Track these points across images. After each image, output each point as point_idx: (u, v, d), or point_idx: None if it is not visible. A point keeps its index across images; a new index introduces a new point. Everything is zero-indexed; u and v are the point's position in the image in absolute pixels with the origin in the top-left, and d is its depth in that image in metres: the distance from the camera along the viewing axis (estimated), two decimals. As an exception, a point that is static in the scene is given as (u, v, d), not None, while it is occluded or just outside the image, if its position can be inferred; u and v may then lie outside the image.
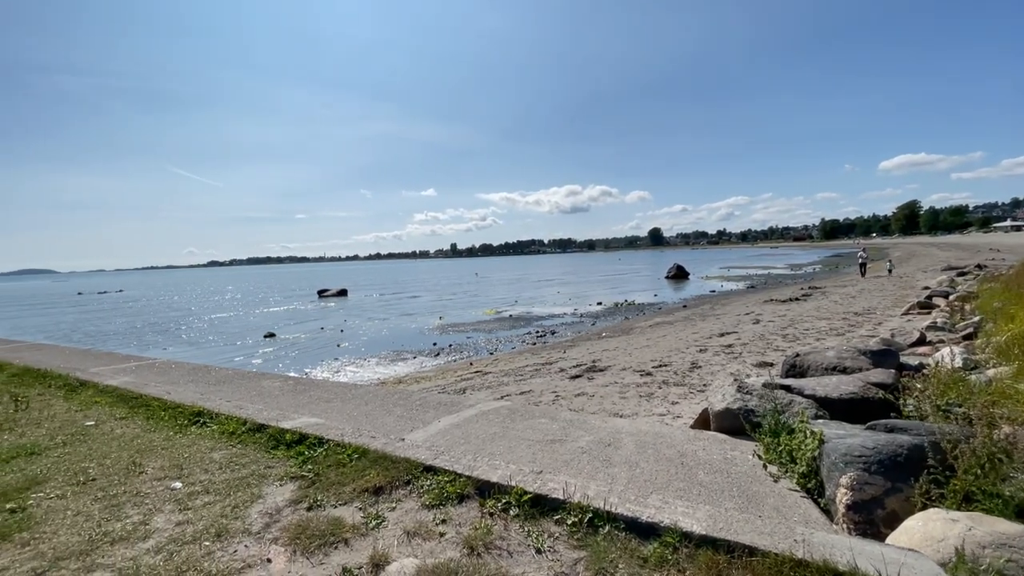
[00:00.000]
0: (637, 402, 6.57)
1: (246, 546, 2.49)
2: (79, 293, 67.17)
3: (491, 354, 13.94)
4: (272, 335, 20.02)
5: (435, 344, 16.13)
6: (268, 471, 3.35)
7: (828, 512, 2.65)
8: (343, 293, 40.94)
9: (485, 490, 2.89)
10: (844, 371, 5.17)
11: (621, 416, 5.93)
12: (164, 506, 2.91)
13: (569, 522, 2.53)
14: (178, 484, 3.19)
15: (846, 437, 2.92)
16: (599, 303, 26.46)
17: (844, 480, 2.63)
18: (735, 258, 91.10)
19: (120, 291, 69.54)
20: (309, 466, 3.35)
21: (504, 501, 2.75)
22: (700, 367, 8.47)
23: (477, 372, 10.68)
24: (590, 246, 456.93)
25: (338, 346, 16.94)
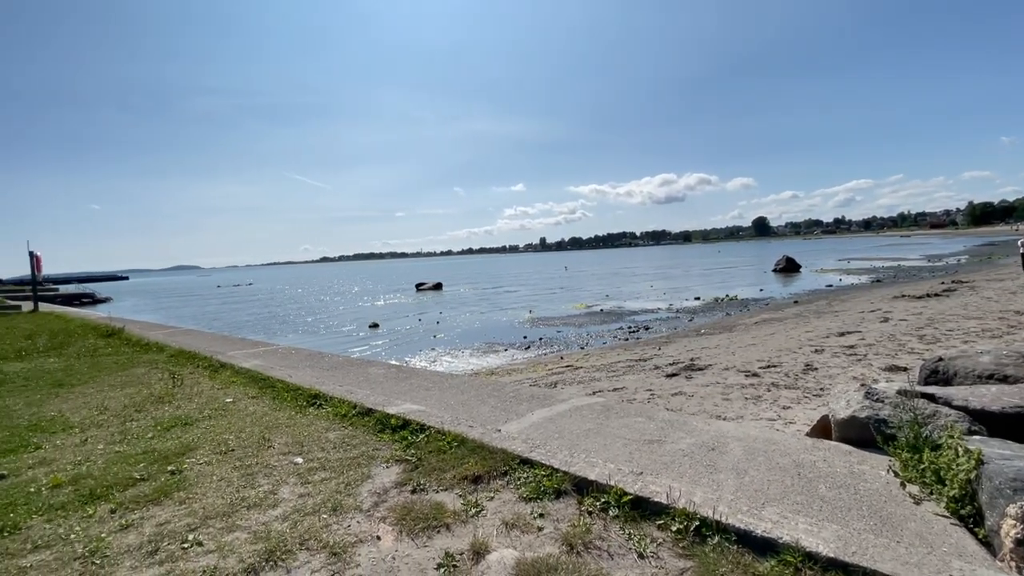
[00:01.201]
0: (742, 404, 6.12)
1: (358, 522, 2.67)
2: (218, 286, 77.23)
3: (581, 349, 13.79)
4: (376, 325, 21.50)
5: (525, 337, 16.30)
6: (376, 453, 3.57)
7: (988, 545, 2.25)
8: (438, 287, 42.85)
9: (583, 487, 2.84)
10: (1005, 379, 4.39)
11: (724, 419, 5.56)
12: (288, 478, 3.21)
13: (673, 528, 2.40)
14: (299, 459, 3.51)
15: (1014, 459, 2.46)
16: (696, 298, 25.09)
17: (1013, 510, 2.22)
18: (856, 248, 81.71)
19: (250, 284, 78.89)
20: (412, 451, 3.52)
21: (603, 500, 2.68)
22: (816, 369, 7.69)
23: (568, 367, 10.62)
24: (686, 238, 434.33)
25: (434, 337, 17.76)
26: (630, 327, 17.13)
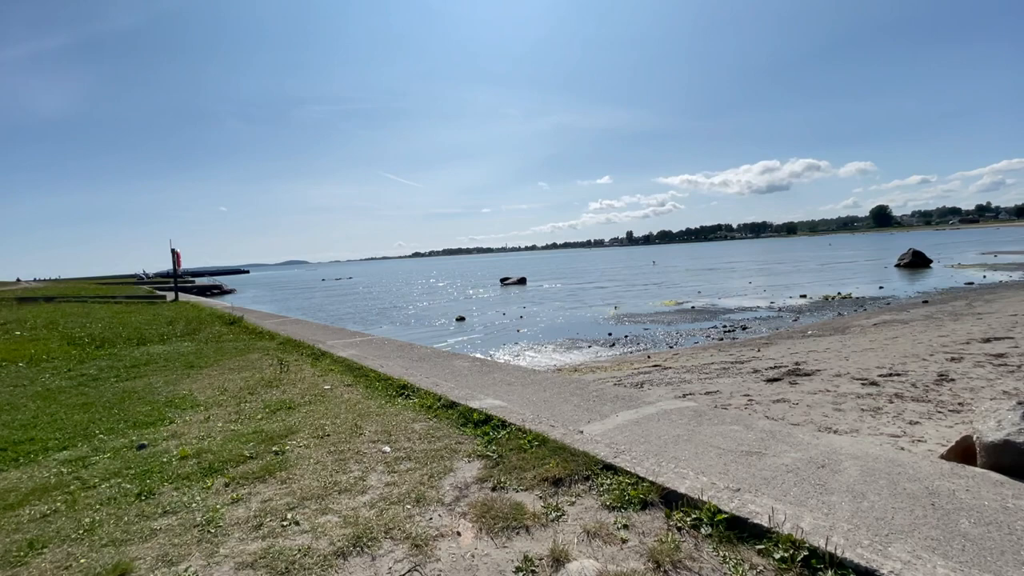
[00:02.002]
0: (857, 417, 5.45)
1: (439, 515, 2.70)
2: (322, 279, 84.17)
3: (670, 348, 13.16)
4: (462, 319, 22.15)
5: (610, 334, 15.90)
6: (458, 447, 3.61)
7: None
8: (522, 281, 43.24)
9: (671, 500, 2.64)
10: None
11: (836, 432, 4.98)
12: (377, 466, 3.35)
13: (776, 556, 2.15)
14: (387, 448, 3.65)
15: None
16: (803, 296, 22.95)
17: None
18: (1005, 240, 70.12)
19: (350, 278, 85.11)
20: (493, 447, 3.52)
21: (694, 516, 2.47)
22: (952, 380, 6.65)
23: (655, 366, 10.17)
24: (790, 230, 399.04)
25: (518, 331, 17.91)
26: (725, 326, 16.06)
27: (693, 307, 21.47)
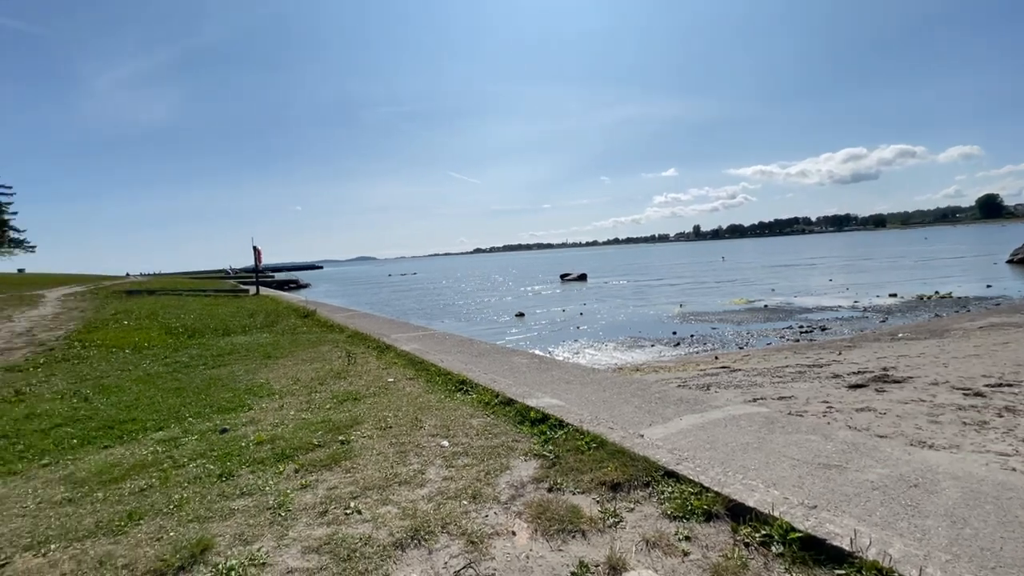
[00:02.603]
0: (958, 431, 4.90)
1: (495, 513, 2.70)
2: (389, 275, 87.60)
3: (740, 348, 12.50)
4: (521, 315, 22.24)
5: (675, 333, 15.35)
6: (515, 444, 3.61)
7: None
8: (583, 277, 42.73)
9: (738, 513, 2.48)
10: None
11: (932, 447, 4.50)
12: (435, 460, 3.41)
13: (860, 584, 1.95)
14: (446, 443, 3.70)
15: None
16: (892, 294, 21.04)
17: None
18: None
19: (415, 274, 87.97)
20: (550, 447, 3.48)
21: (764, 533, 2.30)
22: (1079, 394, 5.82)
23: (723, 368, 9.69)
24: (878, 223, 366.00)
25: (577, 328, 17.71)
26: (802, 326, 15.03)
27: (766, 306, 20.28)
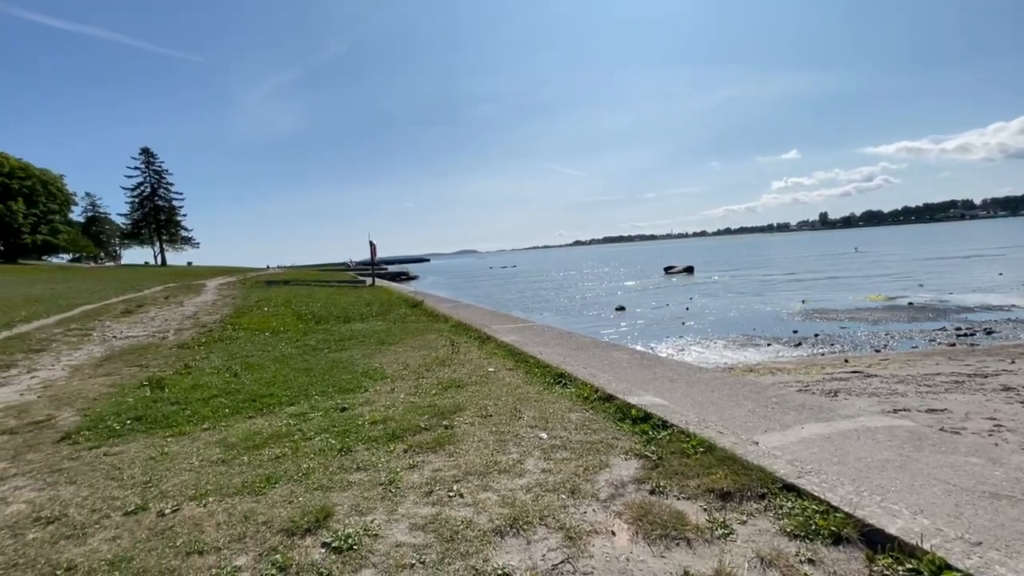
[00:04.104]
0: None
1: (594, 511, 2.65)
2: (490, 267, 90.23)
3: (876, 351, 11.02)
4: (622, 308, 21.66)
5: (795, 332, 13.96)
6: (615, 442, 3.51)
7: None
8: (689, 270, 40.51)
9: (875, 540, 2.17)
10: None
11: None
12: (533, 452, 3.43)
13: (1042, 644, 1.61)
14: (544, 435, 3.71)
15: None
16: (1087, 292, 17.20)
17: None
18: None
19: (514, 266, 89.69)
20: (652, 447, 3.33)
21: (909, 567, 1.99)
22: None
23: (855, 372, 8.62)
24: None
25: (682, 324, 16.83)
26: (959, 328, 12.86)
27: (911, 303, 17.65)
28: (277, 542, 2.46)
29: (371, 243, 23.36)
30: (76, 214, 64.05)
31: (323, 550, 2.37)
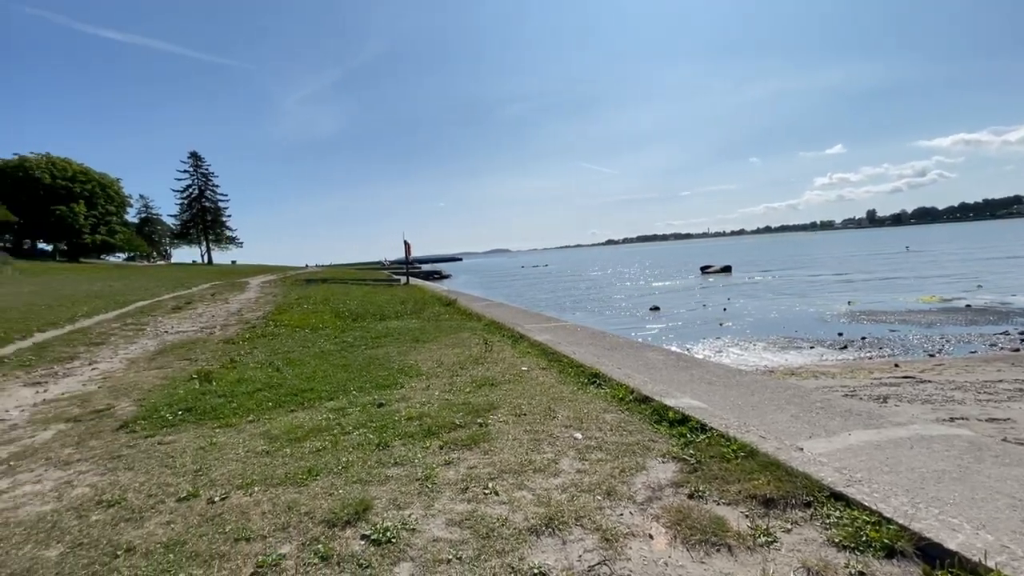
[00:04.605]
0: None
1: (631, 513, 2.61)
2: (521, 267, 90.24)
3: (930, 356, 10.46)
4: (656, 308, 21.28)
5: (841, 334, 13.39)
6: (652, 444, 3.45)
7: None
8: (727, 270, 39.44)
9: (933, 555, 2.06)
10: None
11: None
12: (568, 451, 3.41)
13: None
14: (579, 435, 3.69)
15: None
16: None
17: None
18: None
19: (546, 265, 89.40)
20: (690, 451, 3.26)
21: (970, 584, 1.88)
22: None
23: (906, 377, 8.20)
24: None
25: (720, 325, 16.40)
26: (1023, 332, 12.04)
27: (968, 305, 16.66)
28: (319, 532, 2.53)
29: (406, 242, 23.75)
30: (131, 215, 67.67)
31: (362, 542, 2.43)
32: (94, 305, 13.99)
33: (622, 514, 2.60)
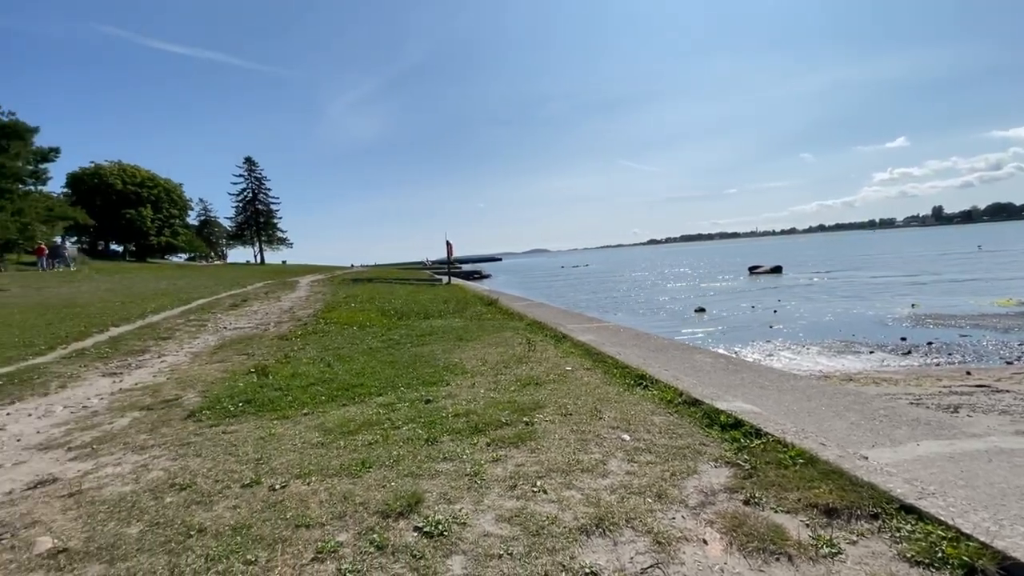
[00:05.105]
0: None
1: (683, 517, 2.56)
2: (561, 267, 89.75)
3: (1008, 363, 9.70)
4: (702, 310, 20.69)
5: (904, 339, 12.61)
6: (703, 448, 3.37)
7: None
8: (777, 270, 37.90)
9: (1019, 576, 1.92)
10: None
11: None
12: (616, 453, 3.38)
13: None
14: (627, 436, 3.64)
15: None
16: None
17: None
18: None
19: (587, 265, 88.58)
20: (744, 456, 3.16)
21: (1065, 609, 1.74)
22: None
23: (980, 386, 7.64)
24: None
25: (770, 327, 15.78)
26: (1114, 339, 10.99)
27: (1050, 310, 15.32)
28: (374, 522, 2.62)
29: (448, 243, 24.11)
30: (191, 218, 71.75)
31: (415, 534, 2.50)
32: (161, 302, 14.95)
33: (674, 518, 2.56)
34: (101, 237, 54.11)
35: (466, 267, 74.27)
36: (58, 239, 33.79)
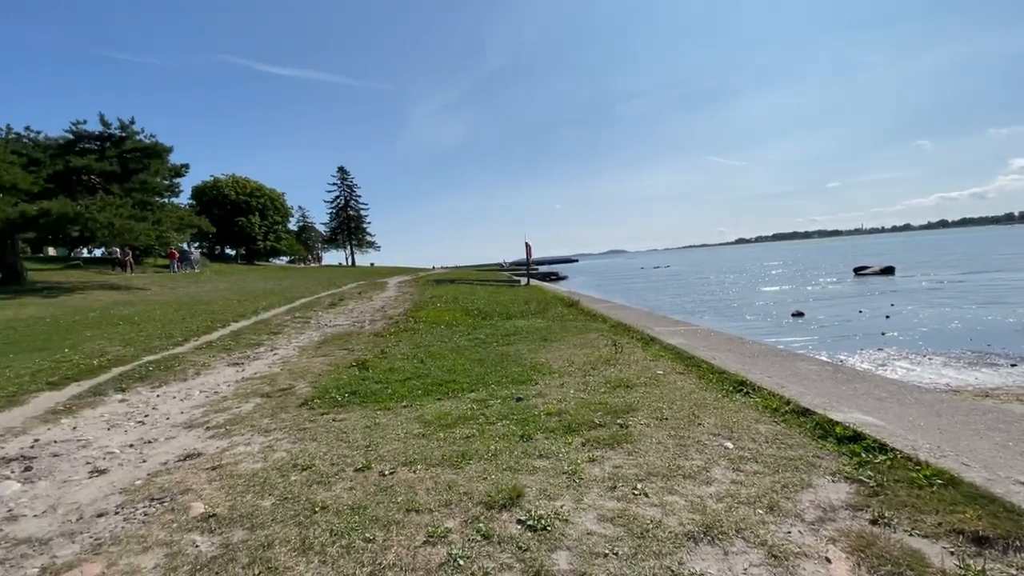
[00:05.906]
0: None
1: (799, 532, 2.41)
2: (641, 268, 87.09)
3: None
4: (800, 314, 19.16)
5: (1055, 350, 10.84)
6: (817, 461, 3.14)
7: None
8: (888, 271, 34.17)
9: None
10: None
11: None
12: (719, 460, 3.24)
13: None
14: (730, 444, 3.48)
15: None
16: None
17: None
18: None
19: (668, 266, 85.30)
20: (868, 472, 2.90)
21: None
22: None
23: None
24: None
25: (882, 334, 14.26)
26: None
27: None
28: (478, 512, 2.73)
29: (527, 244, 24.35)
30: (292, 223, 78.46)
31: (519, 526, 2.56)
32: (269, 300, 16.51)
33: (789, 532, 2.42)
34: (218, 242, 60.78)
35: (543, 268, 74.44)
36: (186, 245, 38.60)
